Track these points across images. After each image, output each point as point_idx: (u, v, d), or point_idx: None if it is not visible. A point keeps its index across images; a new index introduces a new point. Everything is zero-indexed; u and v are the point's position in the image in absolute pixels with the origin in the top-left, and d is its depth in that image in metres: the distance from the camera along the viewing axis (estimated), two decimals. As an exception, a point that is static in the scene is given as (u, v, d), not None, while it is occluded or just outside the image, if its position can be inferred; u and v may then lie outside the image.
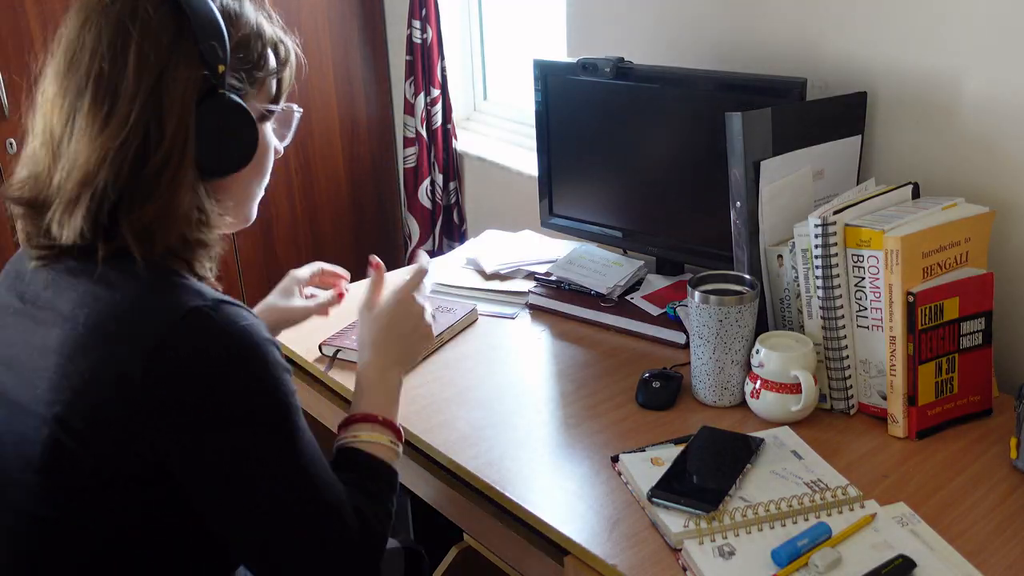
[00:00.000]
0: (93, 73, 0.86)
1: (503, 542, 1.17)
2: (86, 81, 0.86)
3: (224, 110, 0.90)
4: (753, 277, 1.31)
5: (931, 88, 1.36)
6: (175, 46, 0.86)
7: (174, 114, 0.86)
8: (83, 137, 0.86)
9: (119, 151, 0.85)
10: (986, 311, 1.23)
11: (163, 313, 0.84)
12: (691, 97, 1.52)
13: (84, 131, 0.86)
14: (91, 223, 0.87)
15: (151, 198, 0.87)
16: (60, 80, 0.89)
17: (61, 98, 0.88)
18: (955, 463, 1.15)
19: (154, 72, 0.86)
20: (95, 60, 0.86)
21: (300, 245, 2.67)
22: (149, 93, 0.86)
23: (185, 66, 0.87)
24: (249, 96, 0.94)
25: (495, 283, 1.72)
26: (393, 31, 2.68)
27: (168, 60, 0.86)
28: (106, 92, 0.86)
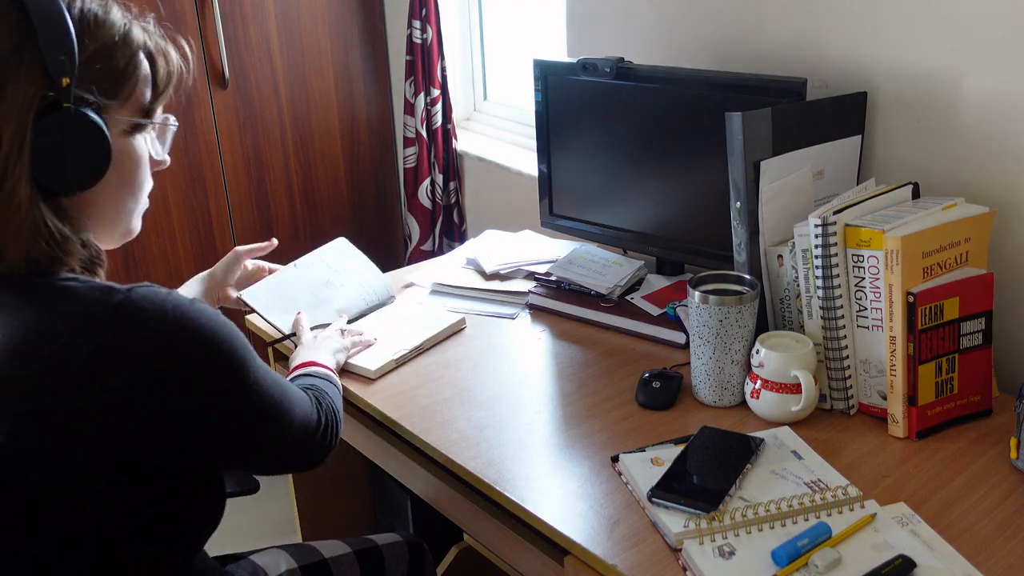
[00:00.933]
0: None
1: (503, 542, 1.17)
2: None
3: (68, 126, 0.85)
4: (753, 277, 1.31)
5: (931, 88, 1.36)
6: (18, 57, 0.82)
7: (9, 130, 0.82)
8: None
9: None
10: (986, 311, 1.23)
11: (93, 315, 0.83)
12: (691, 97, 1.52)
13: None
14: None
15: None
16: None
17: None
18: (955, 463, 1.15)
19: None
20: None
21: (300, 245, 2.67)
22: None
23: (26, 80, 0.82)
24: (111, 109, 0.89)
25: (495, 283, 1.72)
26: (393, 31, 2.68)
27: (9, 73, 0.82)
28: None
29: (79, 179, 0.88)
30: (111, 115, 0.89)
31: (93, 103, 0.87)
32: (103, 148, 0.88)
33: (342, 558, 1.30)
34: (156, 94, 0.94)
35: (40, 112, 0.83)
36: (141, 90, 0.92)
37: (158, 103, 0.96)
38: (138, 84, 0.92)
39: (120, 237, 0.98)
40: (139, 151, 0.95)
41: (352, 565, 1.30)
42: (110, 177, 0.90)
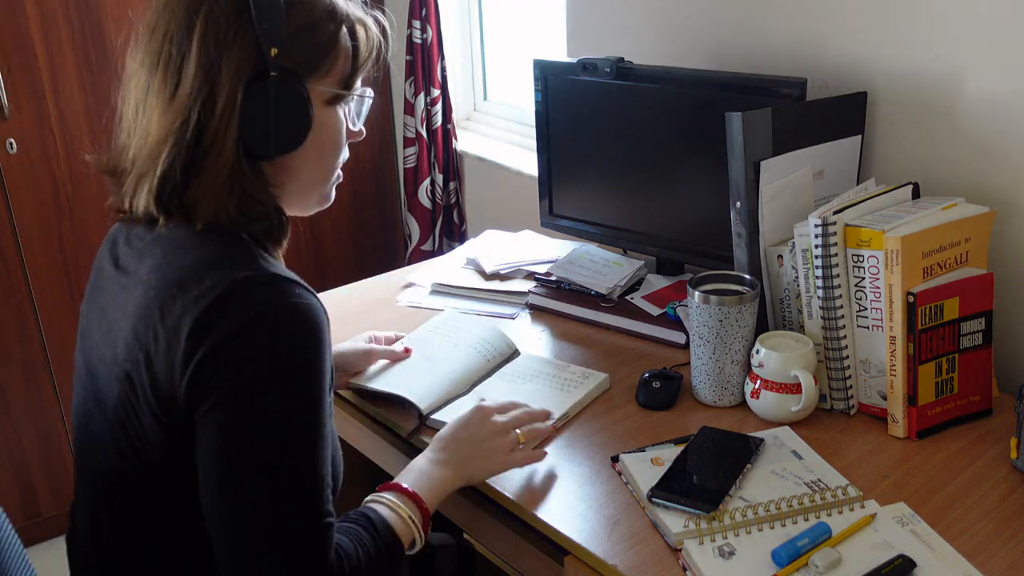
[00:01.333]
0: (164, 52, 0.90)
1: (503, 542, 1.17)
2: (158, 60, 0.91)
3: (273, 93, 0.91)
4: (753, 277, 1.31)
5: (931, 88, 1.36)
6: (234, 28, 0.89)
7: (223, 95, 0.89)
8: (153, 113, 0.91)
9: (179, 129, 0.90)
10: (986, 311, 1.23)
11: (218, 280, 0.87)
12: (691, 97, 1.52)
13: (154, 108, 0.91)
14: (155, 197, 0.92)
15: (199, 175, 0.91)
16: (140, 56, 0.93)
17: (138, 74, 0.93)
18: (955, 463, 1.15)
19: (213, 54, 0.89)
20: (166, 40, 0.90)
21: (300, 245, 2.67)
22: (207, 74, 0.89)
23: (240, 47, 0.89)
24: (313, 79, 0.95)
25: (495, 283, 1.72)
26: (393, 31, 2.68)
27: (225, 42, 0.89)
28: (173, 72, 0.90)
29: (281, 144, 0.94)
30: (313, 85, 0.95)
31: (298, 73, 0.93)
32: (305, 116, 0.94)
33: None
34: (356, 66, 0.99)
35: (250, 80, 0.90)
36: (342, 62, 0.97)
37: (357, 75, 1.00)
38: (340, 56, 0.97)
39: (315, 204, 1.05)
40: (338, 121, 1.00)
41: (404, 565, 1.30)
42: (309, 145, 0.97)
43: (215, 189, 0.91)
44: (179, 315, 0.87)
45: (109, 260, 1.01)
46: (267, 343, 0.86)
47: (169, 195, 0.92)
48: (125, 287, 0.96)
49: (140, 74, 0.93)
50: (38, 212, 2.19)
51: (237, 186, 0.92)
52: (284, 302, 0.87)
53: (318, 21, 0.94)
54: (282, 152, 0.95)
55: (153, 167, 0.91)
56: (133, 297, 0.93)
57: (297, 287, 0.90)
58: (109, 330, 0.97)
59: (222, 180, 0.91)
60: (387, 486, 1.04)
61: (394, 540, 0.98)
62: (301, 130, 0.95)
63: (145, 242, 0.97)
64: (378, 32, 1.01)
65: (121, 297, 0.96)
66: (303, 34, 0.93)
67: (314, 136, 0.97)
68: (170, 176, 0.91)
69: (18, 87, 2.10)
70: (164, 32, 0.91)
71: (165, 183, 0.91)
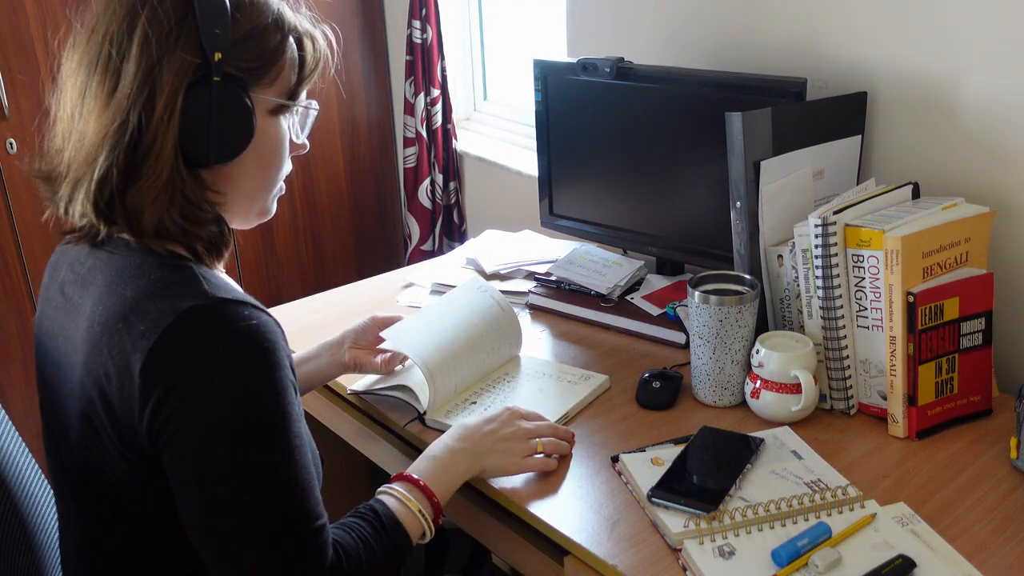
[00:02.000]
0: (103, 53, 0.88)
1: (503, 542, 1.17)
2: (96, 61, 0.88)
3: (214, 98, 0.88)
4: (753, 277, 1.31)
5: (931, 88, 1.36)
6: (178, 31, 0.87)
7: (163, 97, 0.87)
8: (90, 116, 0.88)
9: (117, 131, 0.87)
10: (986, 311, 1.23)
11: (162, 312, 0.85)
12: (691, 97, 1.52)
13: (91, 110, 0.88)
14: (92, 203, 0.88)
15: (138, 181, 0.88)
16: (77, 57, 0.91)
17: (75, 75, 0.91)
18: (955, 463, 1.15)
19: (154, 55, 0.86)
20: (105, 41, 0.88)
21: (300, 245, 2.67)
22: (147, 75, 0.86)
23: (182, 50, 0.87)
24: (257, 87, 0.93)
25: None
26: (393, 31, 2.68)
27: (168, 44, 0.87)
28: (111, 73, 0.87)
29: (221, 151, 0.91)
30: (257, 94, 0.93)
31: (241, 80, 0.91)
32: (247, 123, 0.92)
33: None
34: (301, 78, 0.97)
35: (192, 83, 0.87)
36: (287, 73, 0.95)
37: (303, 87, 0.99)
38: (285, 66, 0.95)
39: (255, 217, 1.02)
40: (281, 132, 0.98)
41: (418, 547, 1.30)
42: (250, 154, 0.94)
43: (155, 195, 0.88)
44: (128, 352, 0.85)
45: (56, 288, 0.99)
46: (222, 373, 0.84)
47: (108, 201, 0.88)
48: (72, 318, 0.94)
49: (77, 75, 0.90)
50: (38, 212, 2.19)
51: (178, 193, 0.89)
52: (232, 328, 0.85)
53: (264, 29, 0.92)
54: (222, 160, 0.92)
55: (90, 171, 0.88)
56: (80, 330, 0.91)
57: (244, 307, 0.87)
58: (62, 363, 0.95)
59: (161, 185, 0.88)
60: (398, 477, 1.04)
61: (401, 533, 0.97)
62: (242, 138, 0.92)
63: (86, 267, 0.94)
64: (325, 46, 1.00)
65: (70, 328, 0.94)
66: (248, 41, 0.91)
67: (256, 146, 0.94)
68: (107, 180, 0.87)
69: (18, 87, 2.10)
70: (104, 33, 0.88)
71: (103, 188, 0.87)
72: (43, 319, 1.01)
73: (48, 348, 0.99)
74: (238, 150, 0.92)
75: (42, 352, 1.01)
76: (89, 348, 0.89)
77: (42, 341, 1.01)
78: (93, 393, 0.88)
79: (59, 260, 1.02)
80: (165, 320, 0.84)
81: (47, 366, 0.99)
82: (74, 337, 0.92)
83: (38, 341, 1.02)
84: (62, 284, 0.98)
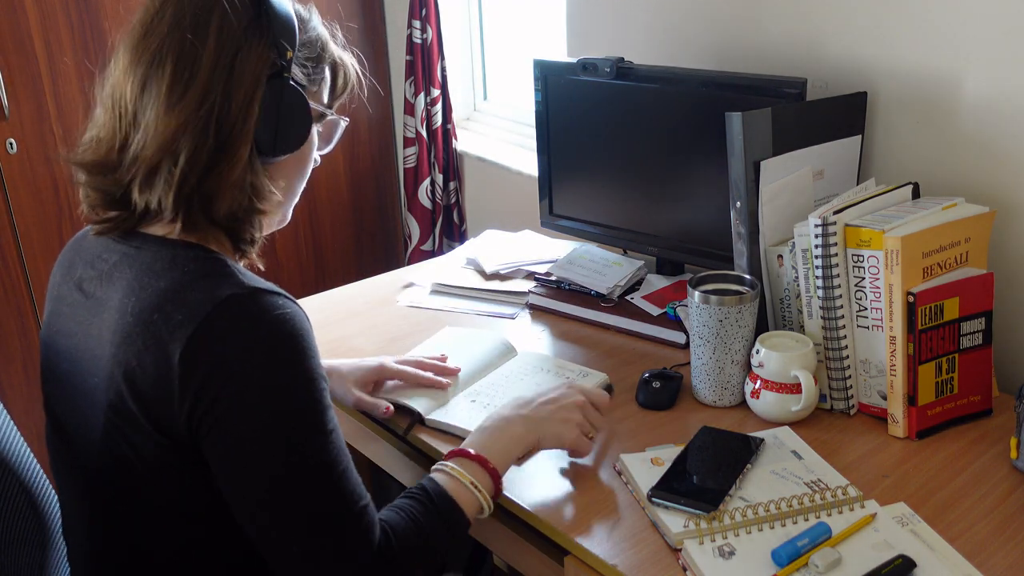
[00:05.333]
0: (174, 45, 0.91)
1: (503, 542, 1.17)
2: (165, 52, 0.91)
3: (286, 92, 0.94)
4: (753, 277, 1.31)
5: (931, 88, 1.36)
6: (252, 28, 0.92)
7: (243, 87, 0.91)
8: (160, 105, 0.91)
9: (199, 119, 0.90)
10: (986, 311, 1.23)
11: (201, 302, 0.88)
12: (691, 97, 1.52)
13: (162, 99, 0.90)
14: (174, 188, 0.91)
15: (218, 165, 0.92)
16: (135, 51, 0.93)
17: (134, 67, 0.92)
18: (955, 463, 1.15)
19: (232, 48, 0.91)
20: (175, 33, 0.91)
21: (300, 245, 2.67)
22: (226, 66, 0.91)
23: (258, 45, 0.92)
24: (307, 93, 0.99)
25: (495, 283, 1.72)
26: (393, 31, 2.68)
27: (244, 39, 0.92)
28: (186, 63, 0.90)
29: (286, 144, 0.96)
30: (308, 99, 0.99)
31: (300, 82, 0.98)
32: (307, 120, 0.98)
33: None
34: (332, 98, 1.06)
35: (269, 76, 0.93)
36: (323, 88, 1.04)
37: (335, 103, 1.07)
38: (325, 81, 1.03)
39: (278, 222, 1.07)
40: (314, 139, 1.05)
41: None
42: (292, 157, 1.00)
43: (232, 180, 0.93)
44: (165, 341, 0.87)
45: (71, 286, 1.00)
46: (262, 359, 0.87)
47: (191, 187, 0.92)
48: (94, 313, 0.95)
49: (135, 69, 0.92)
50: (38, 212, 2.19)
51: (248, 181, 0.94)
52: (269, 316, 0.88)
53: (314, 42, 1.00)
54: (285, 151, 0.97)
55: (171, 158, 0.90)
56: (107, 324, 0.92)
57: (278, 297, 0.91)
58: (81, 359, 0.95)
59: (240, 170, 0.93)
60: (451, 453, 1.05)
61: (453, 508, 0.98)
62: (302, 134, 0.98)
63: (110, 263, 0.96)
64: (353, 72, 1.08)
65: (92, 325, 0.95)
66: (305, 48, 0.98)
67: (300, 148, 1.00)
68: (194, 165, 0.91)
69: (18, 87, 2.10)
70: (171, 25, 0.91)
71: (187, 175, 0.91)
72: (56, 317, 1.01)
73: (62, 346, 0.99)
74: (297, 145, 0.98)
75: (53, 351, 1.01)
76: (121, 339, 0.90)
77: (54, 340, 1.01)
78: (123, 384, 0.89)
79: (74, 258, 1.02)
80: (204, 309, 0.87)
81: (61, 363, 0.99)
82: (98, 332, 0.93)
83: (49, 340, 1.02)
84: (79, 281, 0.99)
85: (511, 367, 1.39)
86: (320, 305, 1.69)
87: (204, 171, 0.91)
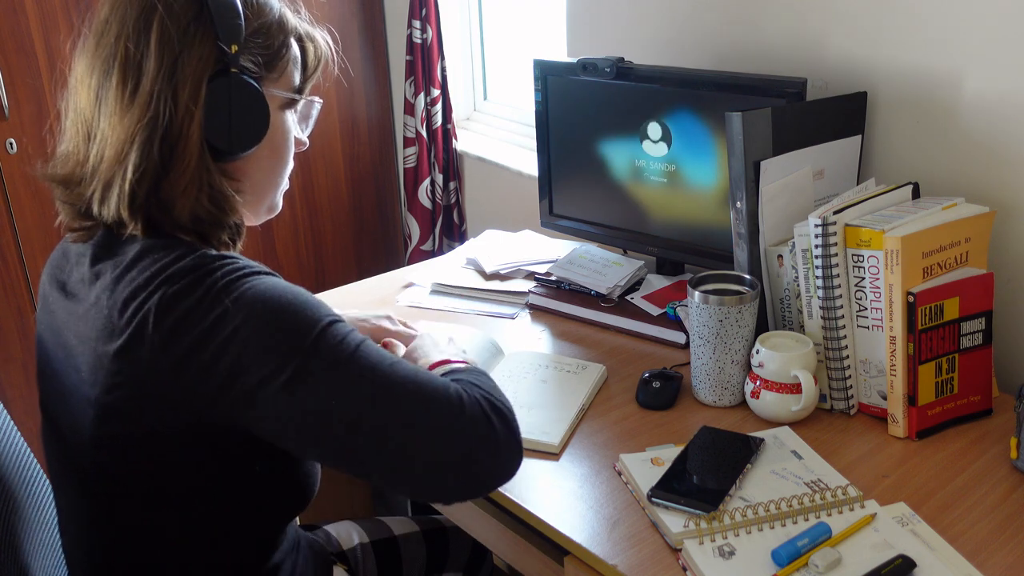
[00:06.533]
0: (119, 54, 0.90)
1: (503, 542, 1.17)
2: (112, 61, 0.90)
3: (234, 89, 0.92)
4: (753, 277, 1.31)
5: (931, 88, 1.36)
6: (194, 26, 0.90)
7: (186, 90, 0.90)
8: (112, 116, 0.90)
9: (146, 127, 0.89)
10: (986, 311, 1.23)
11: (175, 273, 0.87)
12: (691, 97, 1.52)
13: (113, 110, 0.90)
14: (127, 200, 0.90)
15: (168, 173, 0.91)
16: (88, 61, 0.93)
17: (88, 78, 0.92)
18: (955, 463, 1.15)
19: (175, 50, 0.89)
20: (120, 41, 0.90)
21: (300, 245, 2.67)
22: (170, 69, 0.89)
23: (200, 44, 0.90)
24: (266, 81, 0.96)
25: (495, 283, 1.72)
26: (393, 31, 2.68)
27: (187, 39, 0.90)
28: (131, 71, 0.89)
29: (241, 141, 0.94)
30: (267, 87, 0.97)
31: (254, 73, 0.95)
32: (263, 114, 0.95)
33: (410, 536, 1.35)
34: (304, 76, 1.03)
35: (212, 75, 0.91)
36: (291, 71, 1.00)
37: (306, 85, 1.03)
38: (289, 64, 0.99)
39: (265, 212, 1.06)
40: (288, 126, 1.02)
41: (419, 544, 1.35)
42: (263, 147, 0.98)
43: (184, 185, 0.91)
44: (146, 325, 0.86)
45: (55, 288, 1.00)
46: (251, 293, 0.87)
47: (144, 196, 0.91)
48: (75, 312, 0.95)
49: (90, 79, 0.92)
50: (38, 212, 2.19)
51: (205, 183, 0.93)
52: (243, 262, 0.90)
53: (270, 26, 0.96)
54: (242, 149, 0.95)
55: (121, 170, 0.90)
56: (87, 321, 0.93)
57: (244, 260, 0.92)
58: (67, 357, 0.96)
59: (190, 176, 0.91)
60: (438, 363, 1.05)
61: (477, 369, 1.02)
62: (259, 129, 0.96)
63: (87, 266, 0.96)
64: (324, 47, 1.05)
65: (73, 324, 0.95)
66: (257, 37, 0.95)
67: (268, 139, 0.98)
68: (144, 176, 0.90)
69: (18, 87, 2.10)
70: (117, 34, 0.90)
71: (138, 185, 0.90)
72: (44, 316, 1.02)
73: (50, 345, 1.00)
74: (255, 140, 0.96)
75: (43, 349, 1.02)
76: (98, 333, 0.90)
77: (43, 338, 1.02)
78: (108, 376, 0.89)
79: (60, 261, 1.03)
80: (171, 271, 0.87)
81: (51, 361, 1.00)
82: (79, 330, 0.94)
83: (39, 339, 1.03)
84: (62, 283, 0.99)
85: (510, 368, 1.39)
86: (320, 305, 1.70)
87: (154, 181, 0.90)
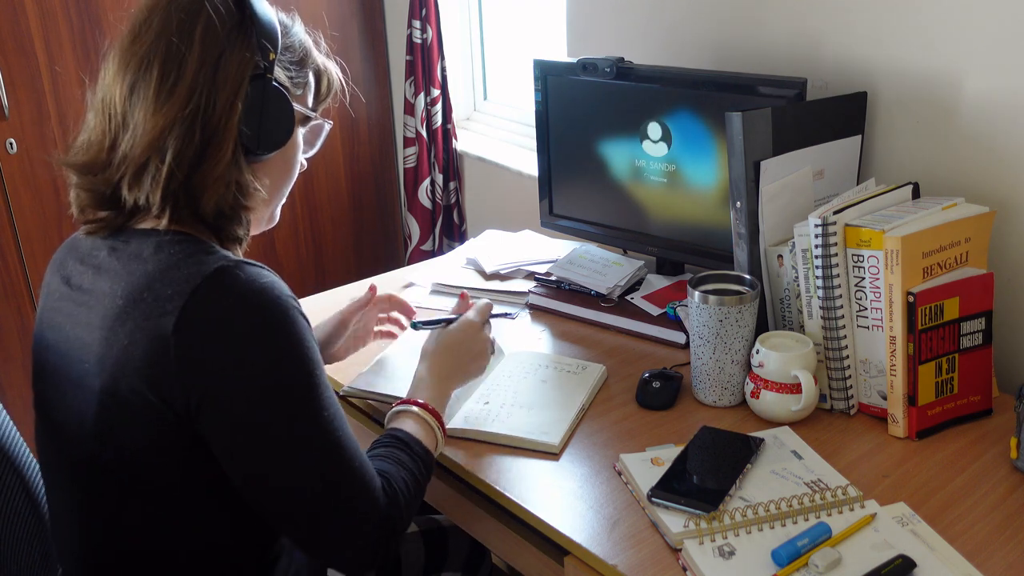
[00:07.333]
0: (161, 48, 0.94)
1: (503, 542, 1.17)
2: (152, 57, 0.95)
3: (268, 92, 0.98)
4: (753, 277, 1.31)
5: (931, 88, 1.36)
6: (236, 31, 0.96)
7: (227, 86, 0.95)
8: (149, 106, 0.94)
9: (184, 119, 0.93)
10: (986, 311, 1.23)
11: (190, 275, 0.91)
12: (691, 97, 1.52)
13: (150, 100, 0.94)
14: (161, 186, 0.94)
15: (202, 164, 0.95)
16: (123, 57, 0.97)
17: (123, 72, 0.96)
18: (955, 463, 1.15)
19: (216, 50, 0.95)
20: (162, 38, 0.94)
21: (300, 245, 2.67)
22: (211, 67, 0.94)
23: (242, 47, 0.96)
24: (291, 94, 1.03)
25: (495, 283, 1.72)
26: (393, 31, 2.68)
27: (228, 41, 0.95)
28: (172, 65, 0.94)
29: (268, 142, 1.00)
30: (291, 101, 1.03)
31: (283, 84, 1.02)
32: (290, 120, 1.02)
33: (409, 536, 1.35)
34: (316, 102, 1.11)
35: (252, 77, 0.97)
36: (307, 92, 1.08)
37: (319, 107, 1.11)
38: (307, 85, 1.07)
39: (266, 222, 1.13)
40: (299, 142, 1.09)
41: (418, 544, 1.35)
42: (277, 157, 1.04)
43: (216, 176, 0.95)
44: (157, 315, 0.90)
45: (59, 281, 1.03)
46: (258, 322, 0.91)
47: (177, 184, 0.95)
48: (84, 304, 0.97)
49: (125, 74, 0.96)
50: (38, 212, 2.19)
51: (233, 176, 0.97)
52: (258, 284, 0.92)
53: (297, 48, 1.04)
54: (267, 150, 1.00)
55: (157, 157, 0.94)
56: (96, 311, 0.95)
57: (262, 268, 0.95)
58: (71, 349, 0.97)
59: (224, 166, 0.96)
60: (407, 401, 1.13)
61: (426, 451, 1.08)
62: (285, 134, 1.02)
63: (100, 258, 0.99)
64: (336, 77, 1.12)
65: (80, 314, 0.97)
66: (288, 52, 1.03)
67: (283, 148, 1.03)
68: (180, 164, 0.94)
69: (18, 87, 2.11)
70: (159, 31, 0.95)
71: (173, 171, 0.94)
72: (45, 313, 1.04)
73: (51, 340, 1.01)
74: (279, 144, 1.02)
75: (43, 345, 1.02)
76: (111, 323, 0.92)
77: (43, 334, 1.03)
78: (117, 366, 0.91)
79: (65, 258, 1.05)
80: (194, 281, 0.90)
81: (50, 358, 1.01)
82: (87, 320, 0.95)
83: (38, 337, 1.04)
84: (67, 276, 1.02)
85: (510, 368, 1.39)
86: (320, 305, 1.69)
87: (190, 168, 0.94)
